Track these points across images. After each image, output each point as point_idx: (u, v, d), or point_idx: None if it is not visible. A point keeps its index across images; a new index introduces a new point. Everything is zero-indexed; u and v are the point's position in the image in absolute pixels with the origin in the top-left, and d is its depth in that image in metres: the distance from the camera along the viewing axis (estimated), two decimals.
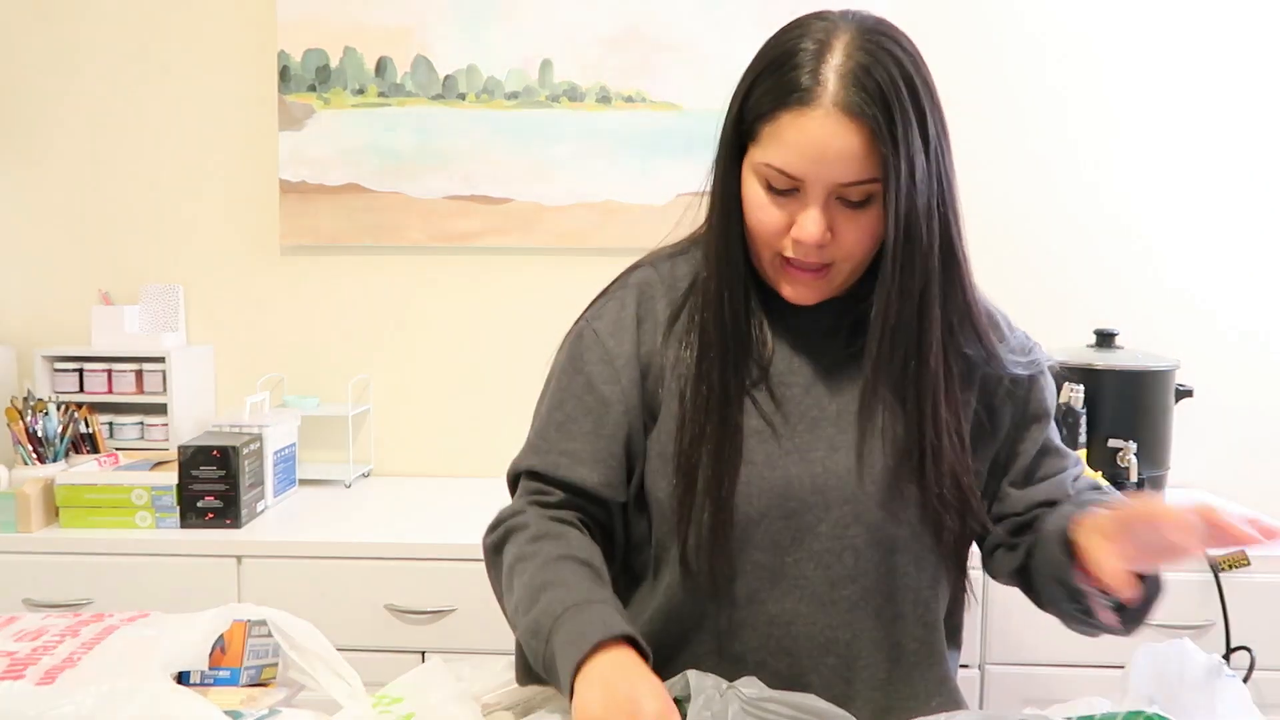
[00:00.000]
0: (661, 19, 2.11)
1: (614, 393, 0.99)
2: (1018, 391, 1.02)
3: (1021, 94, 2.15)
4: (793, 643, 0.96)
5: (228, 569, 1.74)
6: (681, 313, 1.00)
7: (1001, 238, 2.17)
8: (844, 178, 0.87)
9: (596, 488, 0.98)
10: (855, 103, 0.84)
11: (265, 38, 2.19)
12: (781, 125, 0.87)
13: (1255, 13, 2.12)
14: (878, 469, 0.95)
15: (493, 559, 0.99)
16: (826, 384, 0.98)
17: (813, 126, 0.85)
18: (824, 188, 0.88)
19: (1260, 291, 2.17)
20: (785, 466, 0.95)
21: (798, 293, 0.95)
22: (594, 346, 1.01)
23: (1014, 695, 1.68)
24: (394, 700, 0.88)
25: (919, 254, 0.89)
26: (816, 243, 0.89)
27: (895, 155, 0.85)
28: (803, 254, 0.91)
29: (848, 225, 0.90)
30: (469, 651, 1.70)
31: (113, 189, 2.24)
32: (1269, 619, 1.65)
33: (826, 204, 0.88)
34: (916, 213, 0.87)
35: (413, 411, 2.26)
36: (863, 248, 0.91)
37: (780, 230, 0.91)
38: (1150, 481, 1.92)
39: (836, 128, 0.85)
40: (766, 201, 0.91)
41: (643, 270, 1.05)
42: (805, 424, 0.97)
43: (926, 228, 0.88)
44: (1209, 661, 0.87)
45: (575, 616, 0.83)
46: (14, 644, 0.95)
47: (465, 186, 2.18)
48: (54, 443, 1.92)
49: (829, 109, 0.85)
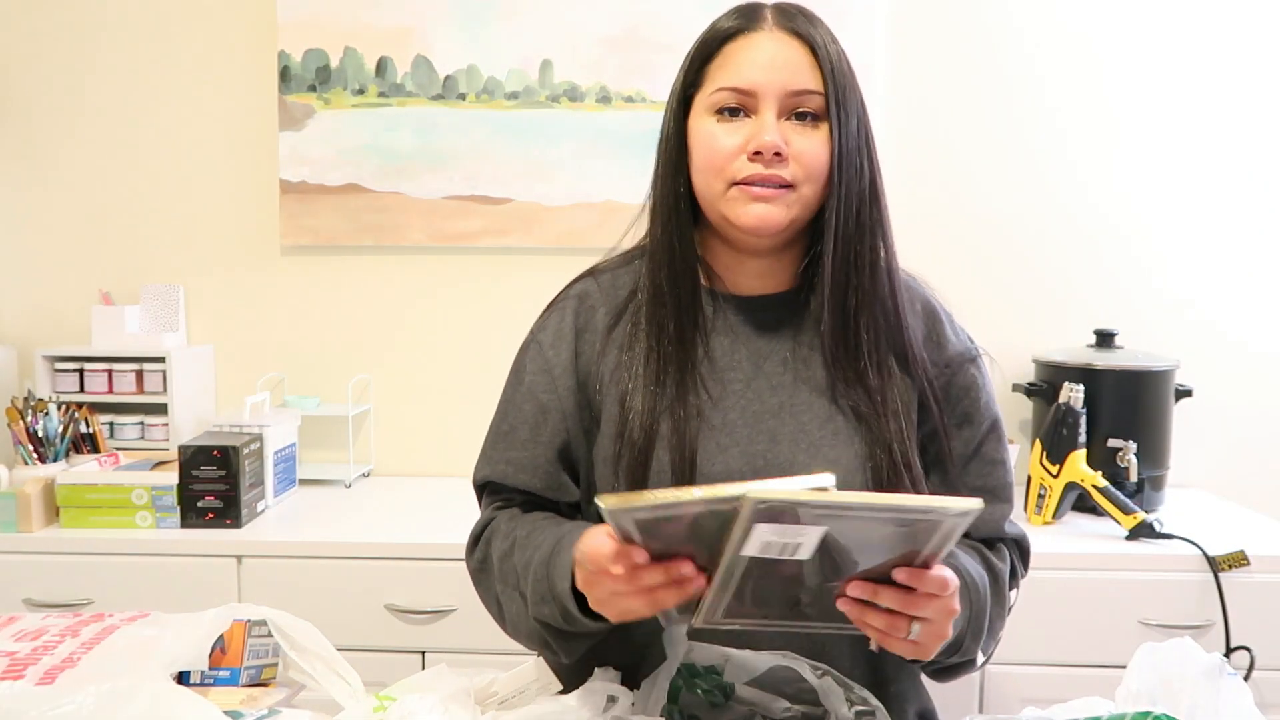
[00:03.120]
0: (661, 19, 2.12)
1: (551, 400, 1.02)
2: (947, 385, 1.02)
3: (1020, 95, 2.15)
4: (761, 643, 0.95)
5: (228, 569, 1.74)
6: (622, 318, 1.02)
7: (1002, 238, 2.18)
8: (793, 84, 0.92)
9: (541, 492, 1.02)
10: (794, 27, 0.94)
11: (265, 38, 2.19)
12: (728, 53, 0.94)
13: (1254, 14, 2.12)
14: (820, 459, 0.96)
15: (480, 577, 1.02)
16: (768, 378, 0.99)
17: (759, 41, 0.93)
18: (775, 95, 0.92)
19: (1260, 292, 2.17)
20: (726, 460, 0.96)
21: (759, 211, 0.93)
22: (536, 358, 1.05)
23: (1014, 695, 1.68)
24: (395, 701, 0.88)
25: (856, 182, 0.94)
26: (774, 147, 0.91)
27: (834, 72, 0.92)
28: (762, 164, 0.92)
29: (802, 142, 0.93)
30: (469, 651, 1.70)
31: (113, 189, 2.24)
32: (1269, 619, 1.65)
33: (780, 116, 0.92)
34: (853, 139, 0.93)
35: (413, 411, 2.26)
36: (819, 164, 0.93)
37: (734, 152, 0.93)
38: (1150, 481, 1.92)
39: (782, 41, 0.93)
40: (719, 130, 0.94)
41: (584, 282, 1.08)
42: (745, 417, 0.98)
43: (860, 156, 0.94)
44: (1211, 661, 0.87)
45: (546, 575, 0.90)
46: (14, 644, 0.95)
47: (465, 186, 2.18)
48: (54, 443, 1.92)
49: (771, 29, 0.94)
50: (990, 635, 0.98)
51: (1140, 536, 1.73)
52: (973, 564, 0.97)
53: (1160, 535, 1.73)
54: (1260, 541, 1.74)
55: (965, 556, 0.97)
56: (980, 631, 0.95)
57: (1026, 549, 1.07)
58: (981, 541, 1.03)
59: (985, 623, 0.95)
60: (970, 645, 0.94)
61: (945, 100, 2.16)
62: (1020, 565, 1.07)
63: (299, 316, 2.26)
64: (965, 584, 0.91)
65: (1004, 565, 1.02)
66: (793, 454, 0.96)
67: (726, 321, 1.01)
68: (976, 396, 1.03)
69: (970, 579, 0.94)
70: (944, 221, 2.17)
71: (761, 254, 1.00)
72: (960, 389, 1.02)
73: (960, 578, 0.90)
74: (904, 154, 2.13)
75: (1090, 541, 1.75)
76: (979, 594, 0.94)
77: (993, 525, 1.03)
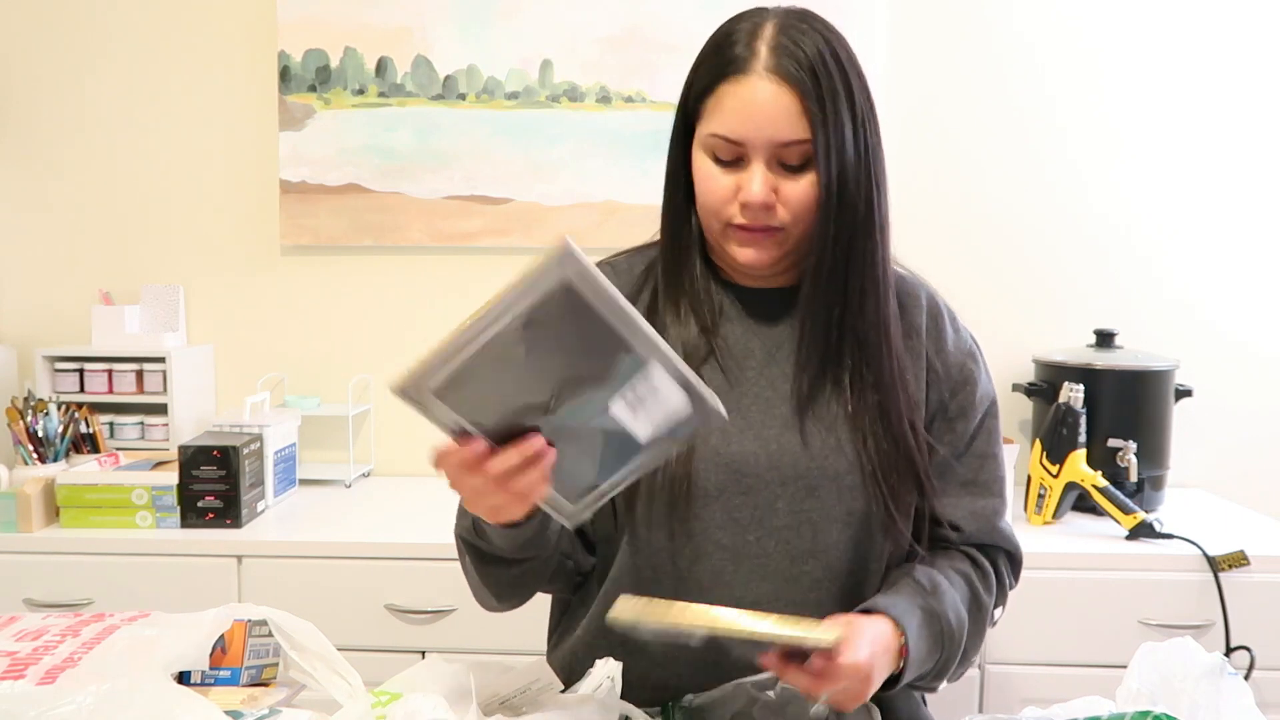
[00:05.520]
0: (661, 19, 2.12)
1: None
2: (944, 380, 1.04)
3: (1021, 95, 2.15)
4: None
5: (228, 569, 1.74)
6: (639, 297, 1.05)
7: (1002, 239, 2.18)
8: (781, 136, 0.92)
9: None
10: (785, 67, 0.92)
11: (265, 38, 2.19)
12: (721, 95, 0.94)
13: (1254, 14, 2.12)
14: (831, 444, 0.98)
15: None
16: (780, 365, 1.01)
17: (747, 91, 0.93)
18: (764, 148, 0.93)
19: (1260, 292, 2.17)
20: (741, 443, 0.98)
21: (750, 254, 0.97)
22: None
23: (1014, 695, 1.68)
24: (392, 697, 0.89)
25: (847, 213, 0.94)
26: (762, 201, 0.93)
27: (823, 114, 0.92)
28: (750, 217, 0.95)
29: (790, 188, 0.94)
30: (469, 651, 1.70)
31: (113, 189, 2.24)
32: (1269, 619, 1.65)
33: (769, 166, 0.94)
34: (846, 173, 0.93)
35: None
36: (807, 208, 0.95)
37: (728, 197, 0.96)
38: (1150, 481, 1.92)
39: (769, 90, 0.92)
40: (715, 172, 0.96)
41: (600, 267, 1.07)
42: (760, 404, 1.00)
43: (854, 189, 0.94)
44: (1211, 661, 0.87)
45: None
46: (14, 644, 0.95)
47: (465, 186, 2.18)
48: (54, 443, 1.92)
49: (761, 74, 0.93)
50: (962, 663, 1.00)
51: (1140, 536, 1.73)
52: (956, 602, 0.98)
53: (1160, 535, 1.73)
54: (1260, 541, 1.74)
55: (951, 593, 0.98)
56: (945, 671, 0.98)
57: (1019, 561, 1.08)
58: (976, 547, 1.04)
59: (955, 662, 0.98)
60: (933, 682, 0.99)
61: (946, 100, 2.16)
62: (1010, 577, 1.08)
63: (299, 316, 2.26)
64: (942, 630, 0.95)
65: (989, 594, 1.03)
66: (806, 441, 0.98)
67: (739, 310, 1.03)
68: (972, 391, 1.04)
69: (948, 625, 0.96)
70: (944, 221, 2.17)
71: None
72: (957, 384, 1.04)
73: (939, 622, 0.94)
74: (904, 154, 2.12)
75: (1090, 541, 1.75)
76: (952, 641, 0.96)
77: (984, 521, 1.04)
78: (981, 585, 1.02)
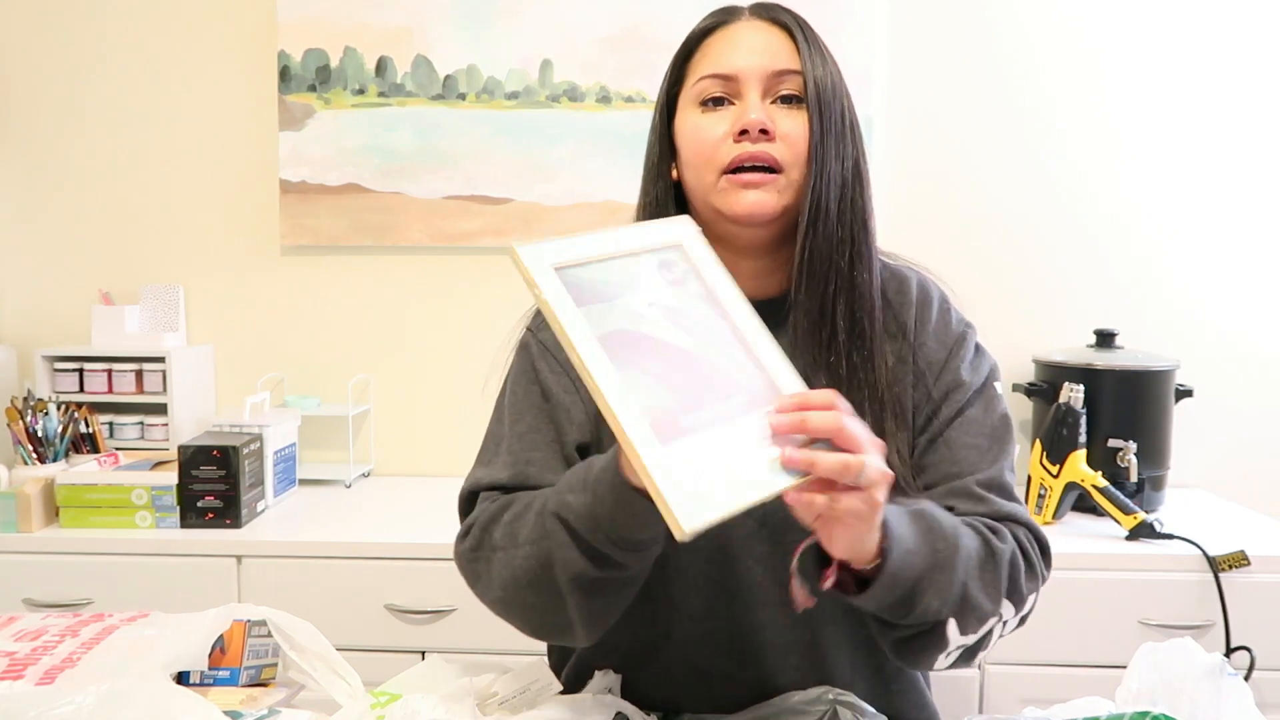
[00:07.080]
0: (661, 19, 2.12)
1: (573, 401, 1.00)
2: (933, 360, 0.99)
3: (1021, 95, 2.15)
4: (758, 650, 0.96)
5: (228, 569, 1.74)
6: None
7: (1002, 238, 2.17)
8: (775, 65, 0.94)
9: None
10: (771, 15, 0.97)
11: (265, 38, 2.19)
12: (710, 45, 0.97)
13: (1253, 14, 2.12)
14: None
15: (474, 557, 0.94)
16: None
17: (738, 31, 0.96)
18: (759, 77, 0.94)
19: (1260, 292, 2.17)
20: None
21: (750, 199, 0.93)
22: (544, 356, 1.02)
23: (1014, 695, 1.68)
24: (392, 697, 0.89)
25: (837, 164, 0.94)
26: (761, 124, 0.92)
27: (810, 51, 0.94)
28: (750, 142, 0.92)
29: (788, 123, 0.93)
30: (469, 651, 1.70)
31: (113, 189, 2.24)
32: (1269, 619, 1.65)
33: (764, 97, 0.94)
34: (833, 117, 0.93)
35: (413, 411, 2.26)
36: (802, 141, 0.93)
37: (723, 136, 0.94)
38: (1150, 481, 1.92)
39: (759, 28, 0.96)
40: (705, 120, 0.95)
41: None
42: None
43: (840, 136, 0.94)
44: (1211, 661, 0.87)
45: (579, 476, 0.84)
46: (14, 644, 0.95)
47: (465, 186, 2.18)
48: (54, 443, 1.92)
49: (749, 19, 0.97)
50: (966, 606, 0.86)
51: (1140, 536, 1.73)
52: (953, 520, 0.88)
53: (1160, 535, 1.73)
54: (1260, 541, 1.74)
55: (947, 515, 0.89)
56: (948, 589, 0.84)
57: (1045, 545, 0.98)
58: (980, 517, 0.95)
59: (954, 580, 0.85)
60: (932, 601, 0.84)
61: (946, 100, 2.15)
62: (1033, 548, 0.96)
63: (299, 316, 2.26)
64: (931, 528, 0.84)
65: (1004, 544, 0.91)
66: None
67: None
68: (958, 366, 0.99)
69: (936, 523, 0.86)
70: (944, 221, 2.17)
71: (755, 254, 0.99)
72: (944, 362, 0.99)
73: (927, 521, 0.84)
74: (905, 154, 2.12)
75: (1090, 541, 1.75)
76: (946, 544, 0.85)
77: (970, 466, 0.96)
78: (993, 536, 0.91)
